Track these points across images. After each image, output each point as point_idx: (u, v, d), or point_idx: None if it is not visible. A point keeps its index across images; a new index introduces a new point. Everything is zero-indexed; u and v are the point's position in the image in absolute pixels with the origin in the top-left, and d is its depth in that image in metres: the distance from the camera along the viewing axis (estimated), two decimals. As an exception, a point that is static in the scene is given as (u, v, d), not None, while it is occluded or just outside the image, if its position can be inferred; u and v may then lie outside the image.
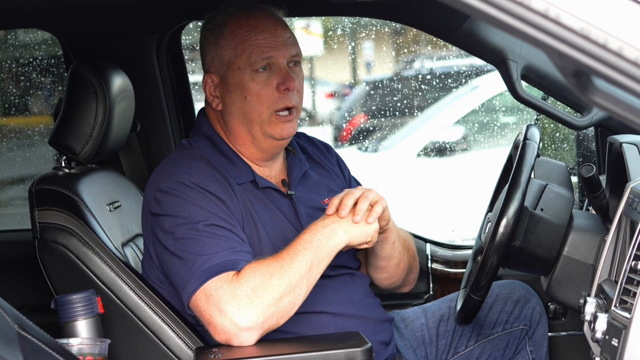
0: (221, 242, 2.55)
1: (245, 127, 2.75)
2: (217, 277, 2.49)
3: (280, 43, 2.72)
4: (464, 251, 3.73)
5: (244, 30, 2.72)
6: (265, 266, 2.50)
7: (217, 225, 2.58)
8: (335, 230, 2.57)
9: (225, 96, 2.76)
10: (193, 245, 2.55)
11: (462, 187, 7.08)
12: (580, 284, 2.70)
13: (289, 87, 2.70)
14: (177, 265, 2.57)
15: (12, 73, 6.72)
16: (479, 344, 3.03)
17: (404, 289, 3.04)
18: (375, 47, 10.07)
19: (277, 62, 2.71)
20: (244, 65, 2.71)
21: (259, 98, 2.71)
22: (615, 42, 1.31)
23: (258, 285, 2.47)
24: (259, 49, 2.70)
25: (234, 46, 2.72)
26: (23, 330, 1.84)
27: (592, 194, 2.63)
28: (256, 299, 2.46)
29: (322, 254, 2.55)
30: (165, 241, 2.61)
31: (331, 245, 2.56)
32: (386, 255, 2.86)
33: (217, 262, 2.51)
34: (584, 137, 3.73)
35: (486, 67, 7.33)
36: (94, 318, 2.65)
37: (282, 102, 2.71)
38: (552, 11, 1.31)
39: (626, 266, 2.21)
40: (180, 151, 2.80)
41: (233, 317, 2.46)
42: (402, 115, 8.48)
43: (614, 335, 2.13)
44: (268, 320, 2.48)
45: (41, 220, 2.83)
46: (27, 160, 7.05)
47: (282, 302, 2.49)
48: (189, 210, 2.60)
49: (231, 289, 2.47)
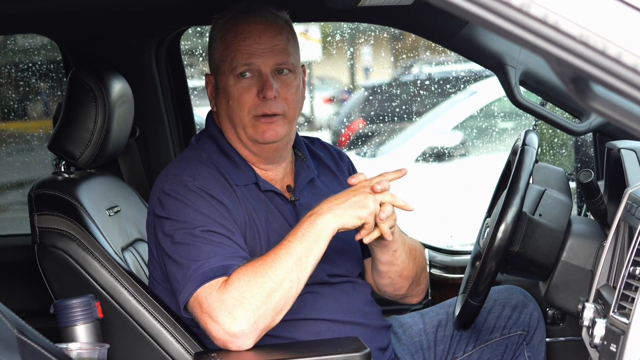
0: (216, 248, 2.56)
1: (234, 130, 2.77)
2: (208, 284, 2.51)
3: (263, 50, 2.71)
4: (462, 256, 3.73)
5: (231, 35, 2.74)
6: (250, 267, 2.50)
7: (214, 231, 2.59)
8: (321, 214, 2.53)
9: (218, 99, 2.80)
10: (189, 251, 2.57)
11: (460, 193, 7.08)
12: (578, 289, 2.69)
13: (266, 95, 2.69)
14: (175, 269, 2.59)
15: (11, 78, 6.73)
16: (477, 349, 3.03)
17: (410, 299, 3.00)
18: (374, 52, 10.07)
19: (259, 69, 2.71)
20: (227, 70, 2.73)
21: (239, 103, 2.72)
22: (613, 48, 1.31)
23: (244, 288, 2.47)
24: (240, 54, 2.71)
25: (221, 51, 2.75)
26: (22, 334, 1.84)
27: (591, 199, 2.63)
28: (244, 302, 2.46)
29: (309, 242, 2.52)
30: (165, 244, 2.63)
31: (318, 231, 2.52)
32: (387, 261, 2.84)
33: (209, 268, 2.53)
34: (582, 143, 3.74)
35: (484, 72, 7.34)
36: (93, 323, 2.66)
37: (261, 109, 2.71)
38: (550, 17, 1.32)
39: (624, 272, 2.22)
40: (188, 151, 2.82)
41: (224, 324, 2.47)
42: (401, 120, 8.48)
43: (612, 341, 2.14)
44: (261, 320, 2.48)
45: (41, 225, 2.83)
46: (26, 165, 7.05)
47: (272, 299, 2.48)
48: (189, 214, 2.61)
49: (219, 296, 2.48)
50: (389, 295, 2.98)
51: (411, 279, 2.92)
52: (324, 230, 2.53)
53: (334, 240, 2.82)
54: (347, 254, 2.87)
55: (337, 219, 2.54)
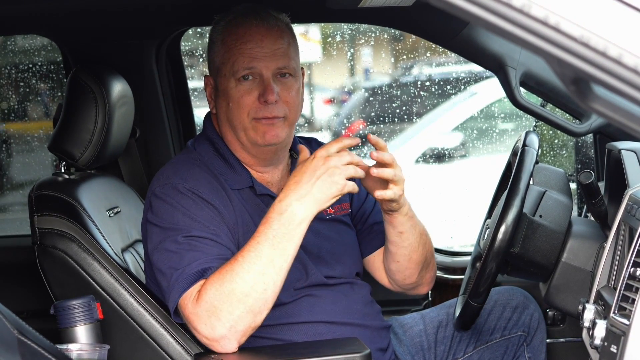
0: (197, 253, 2.56)
1: (233, 132, 2.76)
2: (186, 293, 2.51)
3: (265, 54, 2.71)
4: (463, 257, 3.73)
5: (232, 38, 2.73)
6: (217, 275, 2.49)
7: (197, 236, 2.58)
8: (292, 211, 2.47)
9: (216, 101, 2.79)
10: (171, 259, 2.58)
11: (460, 194, 7.08)
12: (578, 290, 2.70)
13: (268, 99, 2.68)
14: (160, 278, 2.61)
15: (11, 79, 6.73)
16: (477, 350, 3.03)
17: (421, 288, 2.95)
18: (374, 53, 10.07)
19: (261, 72, 2.70)
20: (228, 72, 2.72)
21: (240, 106, 2.71)
22: (614, 49, 1.31)
23: (213, 298, 2.47)
24: (242, 58, 2.70)
25: (222, 53, 2.75)
26: (22, 335, 1.84)
27: (591, 200, 2.63)
28: (216, 311, 2.47)
29: (282, 243, 2.47)
30: (152, 253, 2.64)
31: (291, 229, 2.47)
32: (391, 239, 2.80)
33: (188, 274, 2.53)
34: (583, 144, 3.74)
35: (485, 73, 7.34)
36: (94, 324, 2.66)
37: (262, 112, 2.70)
38: (551, 18, 1.32)
39: (625, 273, 2.22)
40: (183, 154, 2.82)
41: (203, 332, 2.50)
42: (401, 121, 8.47)
43: (612, 342, 2.14)
44: (239, 323, 2.47)
45: (41, 225, 2.83)
46: (26, 166, 7.05)
47: (244, 302, 2.45)
48: (175, 219, 2.61)
49: (193, 309, 2.50)
50: (400, 284, 2.93)
51: (421, 264, 2.86)
52: (298, 226, 2.48)
53: (329, 243, 2.82)
54: (344, 255, 2.87)
55: (309, 208, 2.48)
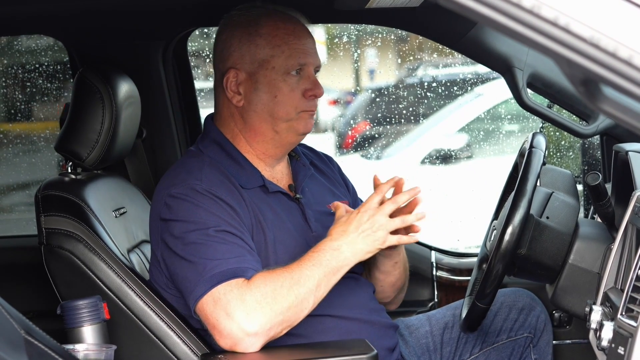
0: (232, 248, 2.56)
1: (269, 123, 2.76)
2: (227, 282, 2.50)
3: (312, 51, 2.78)
4: (469, 259, 3.73)
5: (282, 32, 2.75)
6: (276, 275, 2.52)
7: (228, 231, 2.59)
8: (341, 249, 2.57)
9: (252, 94, 2.76)
10: (203, 250, 2.56)
11: (467, 195, 7.06)
12: (585, 292, 2.69)
13: (317, 94, 2.77)
14: (186, 269, 2.57)
15: (17, 79, 6.73)
16: (483, 351, 3.03)
17: (390, 307, 3.03)
18: (380, 54, 10.07)
19: (308, 69, 2.76)
20: (279, 66, 2.73)
21: (289, 99, 2.74)
22: (625, 50, 1.31)
23: (268, 293, 2.48)
24: (297, 53, 2.74)
25: (272, 46, 2.74)
26: (29, 335, 1.84)
27: (598, 202, 2.63)
28: (265, 306, 2.48)
29: (330, 273, 2.56)
30: (175, 246, 2.61)
31: (338, 265, 2.56)
32: (385, 270, 2.90)
33: (227, 268, 2.52)
34: (590, 145, 3.74)
35: (491, 74, 7.33)
36: (100, 324, 2.66)
37: (308, 106, 2.77)
38: (561, 19, 1.31)
39: (632, 274, 2.21)
40: (189, 157, 2.80)
41: (241, 321, 2.47)
42: (406, 122, 8.47)
43: (620, 344, 2.13)
44: (274, 328, 2.49)
45: (47, 226, 2.83)
46: (32, 166, 7.06)
47: (289, 312, 2.50)
48: (200, 215, 2.60)
49: (240, 294, 2.48)
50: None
51: (399, 289, 2.98)
52: (343, 266, 2.57)
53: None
54: None
55: (356, 254, 2.58)
